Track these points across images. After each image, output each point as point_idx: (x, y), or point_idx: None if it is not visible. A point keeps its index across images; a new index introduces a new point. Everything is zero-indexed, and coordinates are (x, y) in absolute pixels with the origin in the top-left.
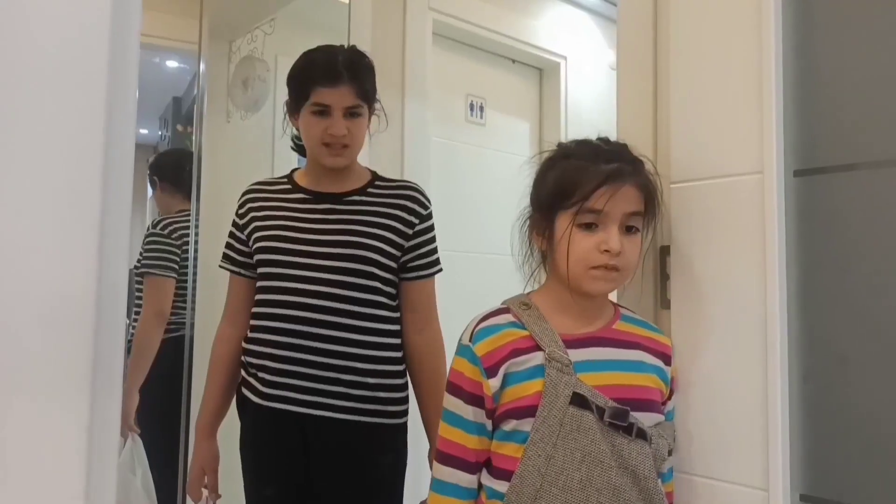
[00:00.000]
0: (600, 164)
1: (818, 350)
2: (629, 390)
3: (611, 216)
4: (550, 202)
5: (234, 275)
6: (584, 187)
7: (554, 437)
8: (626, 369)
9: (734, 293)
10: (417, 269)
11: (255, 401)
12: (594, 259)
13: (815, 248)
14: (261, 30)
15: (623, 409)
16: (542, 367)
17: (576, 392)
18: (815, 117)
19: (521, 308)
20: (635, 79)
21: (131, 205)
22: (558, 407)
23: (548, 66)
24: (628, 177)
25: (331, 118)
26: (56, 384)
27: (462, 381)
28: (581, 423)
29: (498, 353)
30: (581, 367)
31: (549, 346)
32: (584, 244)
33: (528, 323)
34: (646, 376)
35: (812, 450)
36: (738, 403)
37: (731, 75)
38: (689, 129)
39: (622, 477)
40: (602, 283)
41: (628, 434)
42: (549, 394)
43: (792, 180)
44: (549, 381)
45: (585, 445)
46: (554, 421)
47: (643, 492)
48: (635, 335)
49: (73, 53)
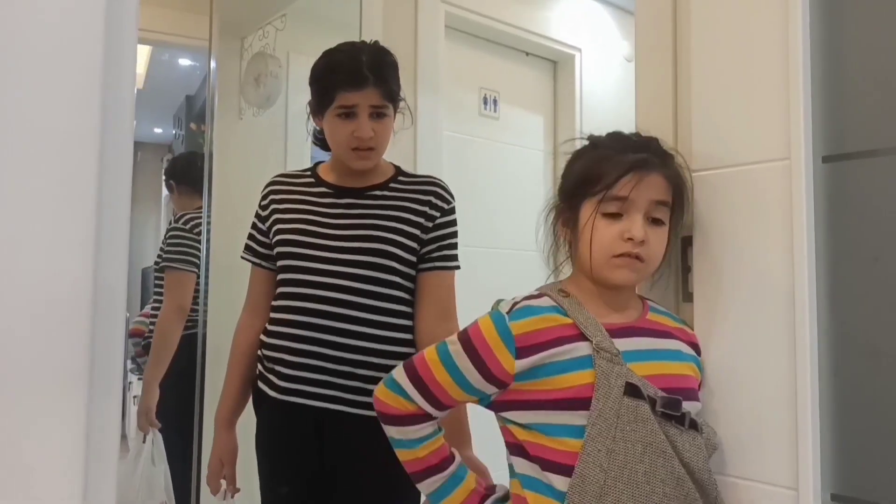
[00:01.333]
0: (627, 154)
1: (849, 343)
2: (673, 379)
3: (636, 204)
4: (575, 191)
5: (256, 266)
6: (609, 175)
7: (612, 429)
8: (668, 358)
9: (760, 285)
10: (436, 260)
11: (272, 395)
12: (617, 247)
13: (845, 238)
14: (272, 26)
15: (675, 398)
16: (587, 357)
17: (629, 382)
18: (845, 100)
19: (561, 295)
20: (654, 64)
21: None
22: (613, 398)
23: (562, 59)
24: (656, 166)
25: (357, 120)
26: (50, 386)
27: (481, 344)
28: (637, 413)
29: (538, 337)
30: (626, 357)
31: (596, 335)
32: (608, 232)
33: (571, 310)
34: (685, 364)
35: (843, 447)
36: (765, 399)
37: (755, 56)
38: (711, 115)
39: (682, 466)
40: (625, 271)
41: (681, 424)
42: (602, 385)
43: (820, 167)
44: (600, 372)
45: (645, 436)
46: (610, 413)
47: (698, 483)
48: (667, 326)
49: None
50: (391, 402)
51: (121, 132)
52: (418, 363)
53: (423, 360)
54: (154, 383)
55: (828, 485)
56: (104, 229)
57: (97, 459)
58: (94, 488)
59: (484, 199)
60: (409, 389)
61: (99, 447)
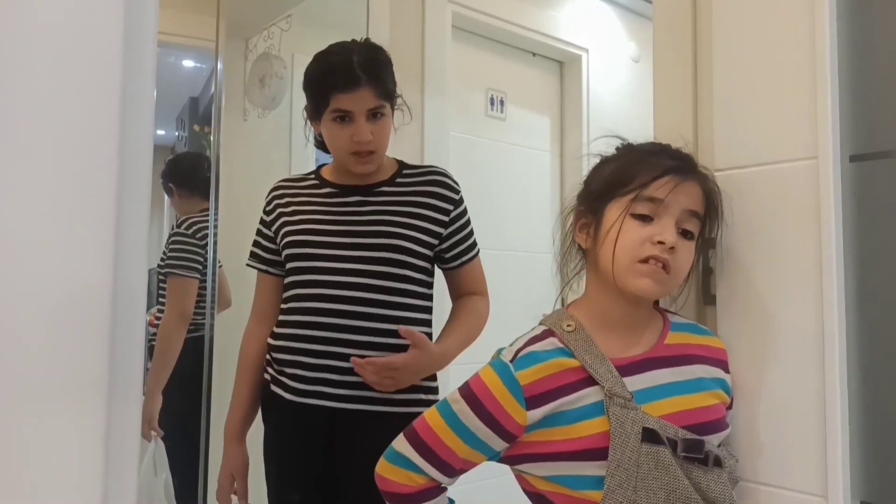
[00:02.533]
0: (665, 158)
1: (879, 348)
2: (696, 414)
3: (670, 209)
4: (603, 192)
5: (262, 273)
6: (644, 175)
7: (633, 480)
8: (688, 391)
9: (786, 287)
10: (460, 256)
11: (287, 397)
12: (644, 250)
13: (873, 238)
14: (277, 27)
15: (698, 439)
16: (598, 404)
17: (645, 427)
18: (873, 97)
19: (566, 331)
20: (672, 63)
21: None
22: (631, 447)
23: (569, 59)
24: (695, 175)
25: (354, 124)
26: (71, 390)
27: (488, 399)
28: (658, 459)
29: (545, 384)
30: (641, 397)
31: (606, 379)
32: (636, 234)
33: (578, 350)
34: (708, 394)
35: (873, 453)
36: (792, 405)
37: (780, 52)
38: (734, 113)
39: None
40: (649, 281)
41: (705, 465)
42: (618, 434)
43: (848, 166)
44: (614, 420)
45: (668, 483)
46: (629, 463)
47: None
48: (689, 346)
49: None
50: (398, 479)
51: (140, 131)
52: (420, 429)
53: (426, 425)
54: (157, 390)
55: (857, 492)
56: (124, 230)
57: (117, 468)
58: (114, 498)
59: (491, 201)
60: (415, 459)
61: (119, 455)
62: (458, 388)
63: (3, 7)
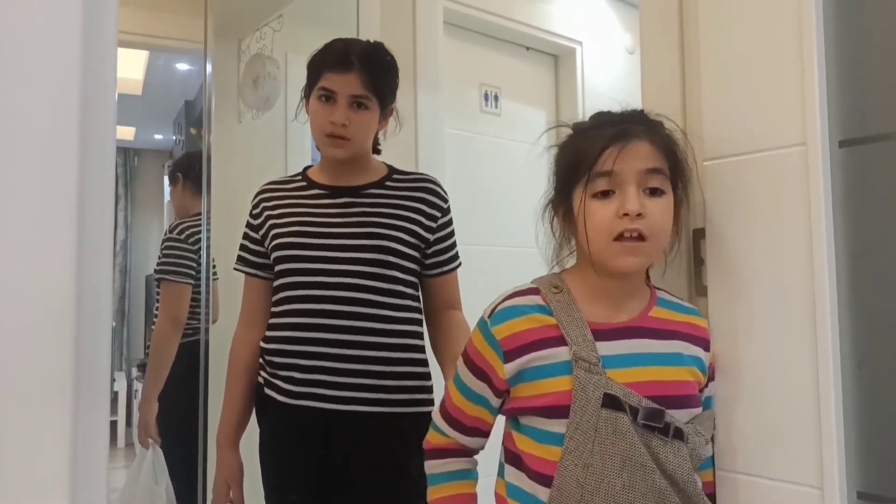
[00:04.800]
0: (605, 128)
1: (873, 333)
2: (665, 386)
3: (624, 177)
4: (564, 181)
5: (250, 277)
6: (590, 153)
7: (590, 443)
8: (662, 363)
9: (778, 275)
10: (441, 265)
11: (281, 400)
12: (615, 227)
13: (864, 224)
14: (269, 27)
15: (658, 409)
16: (568, 363)
17: (607, 393)
18: (862, 81)
19: (552, 291)
20: (660, 51)
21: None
22: (590, 411)
23: (563, 53)
24: (638, 134)
25: (335, 105)
26: (34, 396)
27: (474, 355)
28: (617, 425)
29: (520, 339)
30: (613, 363)
31: (576, 342)
32: (601, 213)
33: (557, 310)
34: (683, 370)
35: (869, 443)
36: (786, 395)
37: (767, 38)
38: (722, 101)
39: (664, 480)
40: (629, 258)
41: (664, 435)
42: (580, 397)
43: (837, 151)
44: (577, 383)
45: (624, 449)
46: (588, 426)
47: (682, 493)
48: (673, 322)
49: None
50: (430, 439)
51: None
52: (444, 396)
53: (447, 393)
54: (153, 397)
55: (854, 483)
56: (87, 233)
57: (85, 474)
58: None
59: (487, 197)
60: (438, 421)
61: (87, 461)
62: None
63: None
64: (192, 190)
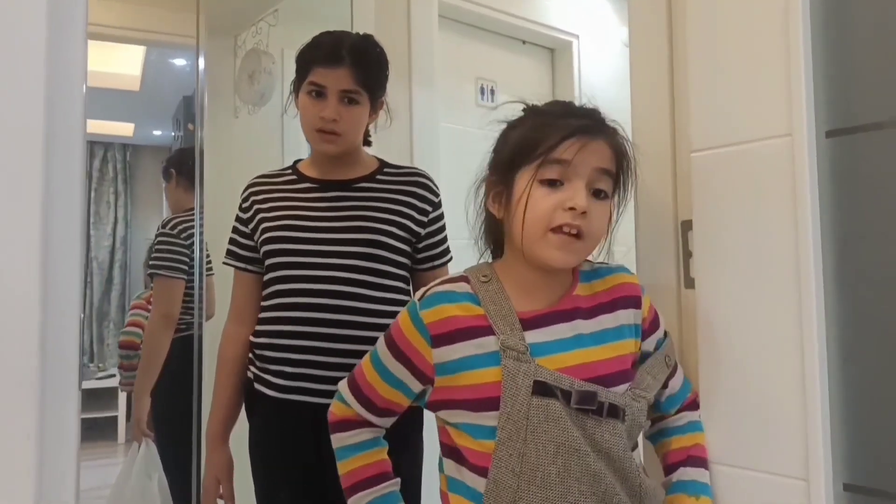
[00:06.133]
0: (570, 118)
1: (859, 327)
2: (597, 366)
3: (578, 171)
4: (511, 160)
5: (240, 271)
6: (550, 138)
7: (522, 432)
8: (591, 343)
9: (765, 268)
10: (431, 260)
11: (271, 394)
12: (556, 218)
13: (852, 215)
14: (265, 22)
15: (589, 391)
16: (496, 353)
17: (537, 380)
18: (848, 71)
19: (481, 280)
20: (649, 44)
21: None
22: (520, 400)
23: (560, 46)
24: (602, 133)
25: (325, 101)
26: None
27: (400, 339)
28: (548, 412)
29: (448, 324)
30: (542, 349)
31: (503, 331)
32: (546, 202)
33: (485, 300)
34: (614, 345)
35: (855, 435)
36: (773, 388)
37: (754, 28)
38: (709, 92)
39: (599, 461)
40: (560, 252)
41: (598, 415)
42: (509, 387)
43: (824, 142)
44: (506, 373)
45: (557, 435)
46: (519, 415)
47: (618, 472)
48: (597, 294)
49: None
50: (334, 410)
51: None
52: (356, 370)
53: (360, 367)
54: (145, 392)
55: (840, 475)
56: (53, 226)
57: (53, 470)
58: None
59: None
60: (346, 395)
61: (55, 457)
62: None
63: None
64: (186, 186)
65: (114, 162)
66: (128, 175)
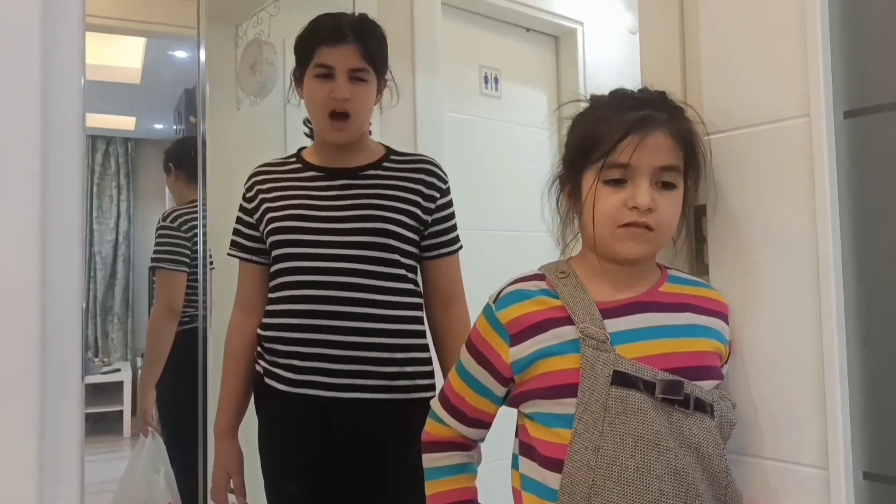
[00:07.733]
0: (626, 113)
1: (879, 310)
2: (682, 357)
3: (639, 170)
4: (575, 160)
5: (245, 262)
6: (607, 139)
7: (599, 423)
8: (677, 335)
9: (781, 252)
10: (441, 247)
11: (282, 388)
12: (622, 217)
13: (871, 198)
14: (266, 12)
15: (676, 380)
16: (575, 342)
17: (616, 370)
18: (867, 49)
19: (558, 276)
20: (659, 24)
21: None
22: (598, 390)
23: (564, 33)
24: (659, 125)
25: (334, 81)
26: None
27: (480, 342)
28: (627, 403)
29: (526, 321)
30: (623, 338)
31: (583, 319)
32: (611, 201)
33: (563, 293)
34: (701, 340)
35: (875, 422)
36: (791, 374)
37: (768, 6)
38: (723, 72)
39: (684, 457)
40: (633, 243)
41: (685, 407)
42: (588, 376)
43: (842, 122)
44: (585, 361)
45: (636, 428)
46: (597, 406)
47: (707, 471)
48: (685, 296)
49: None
50: (428, 429)
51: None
52: (445, 384)
53: (448, 379)
54: (150, 385)
55: (860, 463)
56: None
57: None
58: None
59: (487, 180)
60: (438, 411)
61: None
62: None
63: None
64: (186, 178)
65: (116, 156)
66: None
